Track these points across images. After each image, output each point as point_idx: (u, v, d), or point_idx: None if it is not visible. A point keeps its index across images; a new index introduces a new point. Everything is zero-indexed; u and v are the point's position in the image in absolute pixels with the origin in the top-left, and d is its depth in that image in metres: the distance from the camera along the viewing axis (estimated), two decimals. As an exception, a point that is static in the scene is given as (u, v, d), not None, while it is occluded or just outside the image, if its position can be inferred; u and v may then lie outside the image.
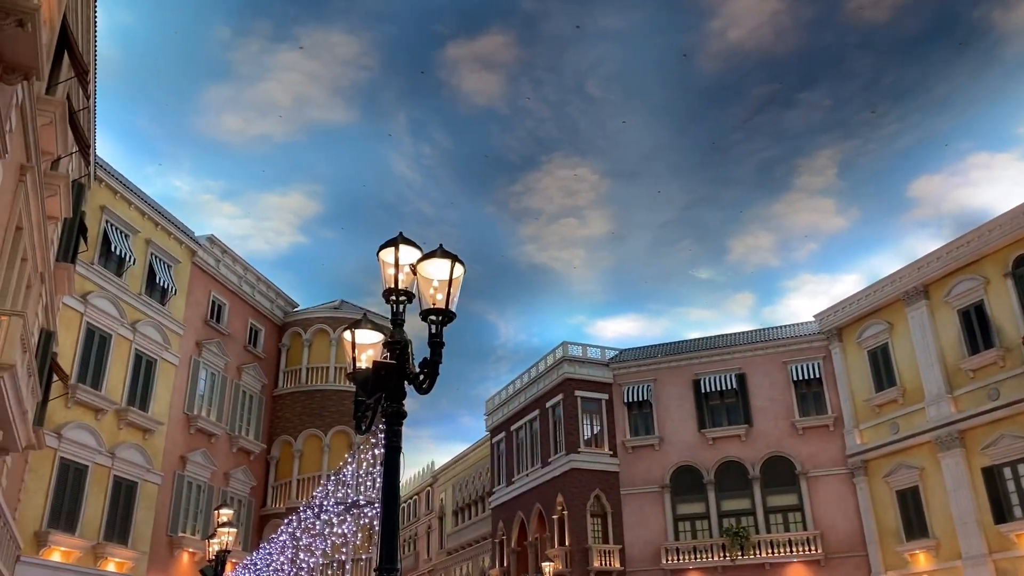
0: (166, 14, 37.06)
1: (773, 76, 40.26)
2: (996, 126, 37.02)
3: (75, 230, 18.12)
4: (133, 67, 38.25)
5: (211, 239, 30.27)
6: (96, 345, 23.74)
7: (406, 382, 5.67)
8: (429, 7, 39.77)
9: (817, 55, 39.10)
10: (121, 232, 25.21)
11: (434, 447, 69.89)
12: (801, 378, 32.05)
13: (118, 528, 23.60)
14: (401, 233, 5.87)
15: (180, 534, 26.23)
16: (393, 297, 5.80)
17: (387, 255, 5.82)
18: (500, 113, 44.23)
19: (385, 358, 5.71)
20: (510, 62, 41.76)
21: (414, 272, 5.71)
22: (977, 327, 26.33)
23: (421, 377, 5.61)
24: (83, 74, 13.89)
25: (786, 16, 37.87)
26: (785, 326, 35.01)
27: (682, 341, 36.92)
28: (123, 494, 24.00)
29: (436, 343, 5.54)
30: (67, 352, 22.39)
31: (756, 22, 38.16)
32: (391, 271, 5.78)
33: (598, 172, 46.09)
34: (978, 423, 25.64)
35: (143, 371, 25.59)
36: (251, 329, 32.22)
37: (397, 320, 5.84)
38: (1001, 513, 24.50)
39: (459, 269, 5.61)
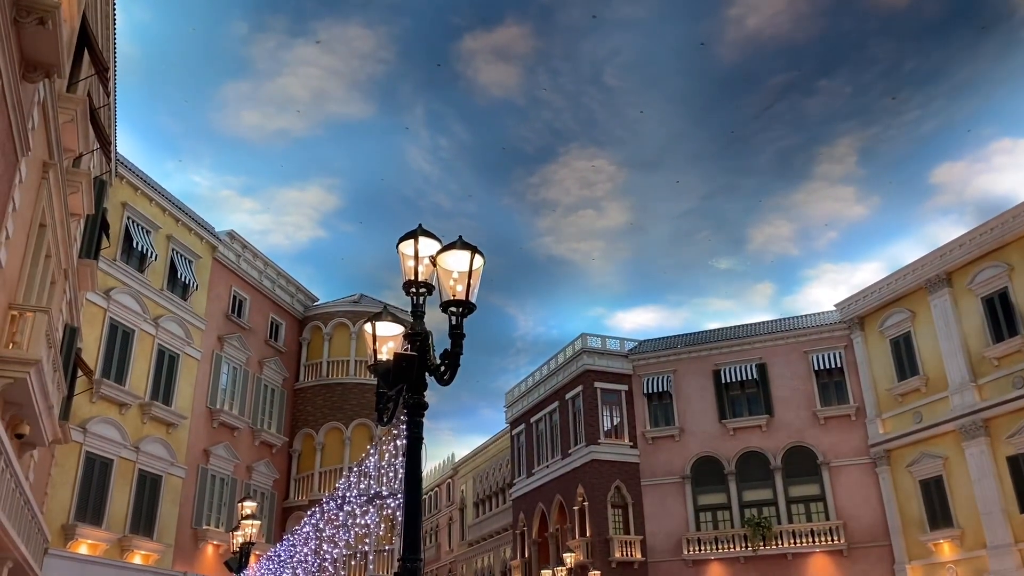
0: (183, 11, 37.26)
1: (792, 64, 39.88)
2: (1019, 111, 36.48)
3: (97, 227, 18.30)
4: (152, 64, 38.52)
5: (231, 234, 30.49)
6: (119, 340, 24.00)
7: (427, 374, 5.70)
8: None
9: (836, 42, 38.68)
10: (142, 228, 25.44)
11: (454, 440, 70.08)
12: (822, 367, 31.83)
13: (143, 521, 23.89)
14: (420, 225, 5.88)
15: (204, 527, 26.51)
16: (413, 289, 5.81)
17: (407, 247, 5.83)
18: (517, 104, 44.14)
19: (406, 350, 5.74)
20: (527, 53, 41.64)
21: (434, 264, 5.72)
22: (1001, 314, 26.01)
23: (442, 368, 5.63)
24: (103, 71, 14.00)
25: (804, 2, 37.47)
26: (806, 315, 34.78)
27: (702, 332, 36.76)
28: (148, 487, 24.28)
29: (457, 334, 5.55)
30: (91, 347, 22.65)
31: (774, 9, 37.79)
32: (411, 263, 5.79)
33: (616, 163, 45.89)
34: (1003, 411, 25.37)
35: (166, 366, 25.85)
36: (272, 323, 32.44)
37: (417, 312, 5.85)
38: (1027, 502, 24.25)
39: (479, 260, 5.61)
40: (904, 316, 29.51)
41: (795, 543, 30.06)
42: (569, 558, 30.53)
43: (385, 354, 5.90)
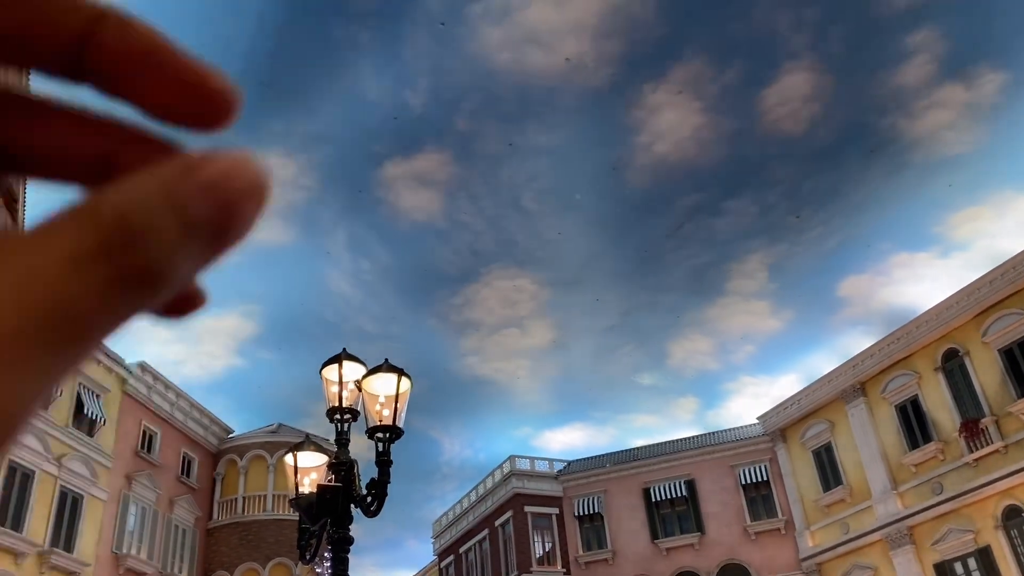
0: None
1: (699, 186, 41.87)
2: (912, 227, 38.89)
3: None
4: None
5: (142, 366, 29.33)
6: (17, 483, 22.38)
7: (353, 505, 5.39)
8: (366, 129, 40.70)
9: (740, 165, 40.93)
10: (47, 362, 24.23)
11: (379, 575, 66.83)
12: (750, 481, 31.89)
13: None
14: (345, 349, 5.70)
15: None
16: (337, 416, 5.58)
17: (330, 372, 5.64)
18: (439, 228, 44.80)
19: (330, 480, 5.44)
20: (447, 179, 42.64)
21: (359, 389, 5.52)
22: (915, 421, 26.78)
23: (369, 499, 5.34)
24: (12, 203, 13.62)
25: (708, 130, 39.76)
26: (730, 429, 35.11)
27: (630, 449, 36.62)
28: (42, 646, 22.15)
29: (384, 461, 5.30)
30: (-16, 492, 21.03)
31: (680, 136, 39.93)
32: (335, 389, 5.58)
33: (537, 282, 46.61)
34: (925, 518, 25.72)
35: (68, 509, 24.14)
36: (184, 459, 30.88)
37: (342, 439, 5.60)
38: (958, 610, 24.32)
39: (406, 383, 5.44)
40: (824, 427, 30.06)
41: (735, 666, 29.21)
42: None
43: (308, 486, 5.59)
